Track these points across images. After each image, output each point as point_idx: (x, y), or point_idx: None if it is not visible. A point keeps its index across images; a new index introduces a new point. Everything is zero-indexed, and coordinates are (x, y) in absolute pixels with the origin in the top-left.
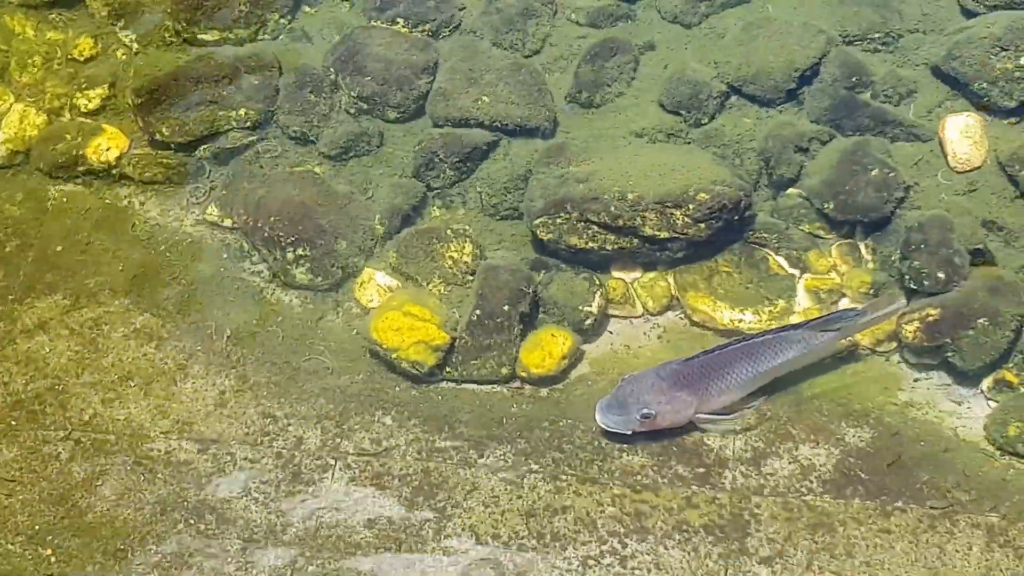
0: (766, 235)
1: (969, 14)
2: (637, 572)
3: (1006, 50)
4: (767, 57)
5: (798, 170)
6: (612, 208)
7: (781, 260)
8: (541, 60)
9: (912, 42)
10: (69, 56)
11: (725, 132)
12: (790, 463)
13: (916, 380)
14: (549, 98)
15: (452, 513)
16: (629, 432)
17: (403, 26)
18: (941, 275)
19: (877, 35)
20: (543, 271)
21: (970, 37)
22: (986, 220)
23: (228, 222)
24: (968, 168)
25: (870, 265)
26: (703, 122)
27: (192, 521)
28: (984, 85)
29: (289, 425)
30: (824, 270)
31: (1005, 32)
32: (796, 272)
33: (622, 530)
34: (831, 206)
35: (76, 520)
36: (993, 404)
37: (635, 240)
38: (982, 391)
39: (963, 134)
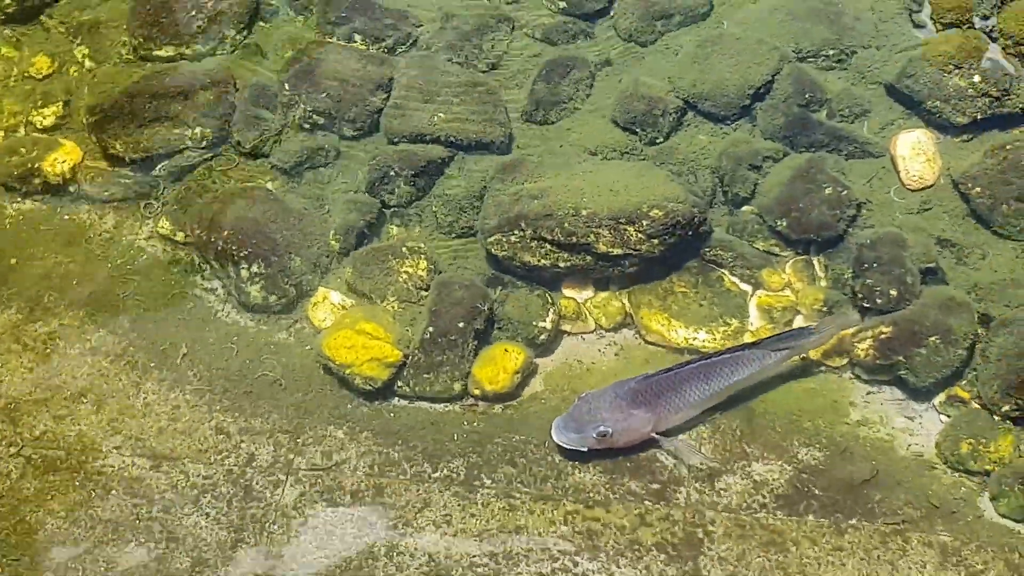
0: (721, 252)
1: (923, 32)
2: None
3: (959, 68)
4: (722, 74)
5: (752, 188)
6: (566, 225)
7: (735, 279)
8: (497, 76)
9: (866, 59)
10: (25, 73)
11: (680, 149)
12: (743, 479)
13: (869, 394)
14: (504, 114)
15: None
16: (585, 449)
17: (359, 42)
18: (893, 293)
19: (831, 52)
20: (499, 287)
21: (923, 55)
22: (939, 238)
23: (180, 237)
24: (921, 186)
25: (823, 283)
26: (658, 140)
27: None
28: (937, 103)
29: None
30: (778, 287)
31: (957, 50)
32: (749, 289)
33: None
34: (784, 224)
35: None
36: (945, 419)
37: (588, 258)
38: (934, 406)
39: (916, 151)
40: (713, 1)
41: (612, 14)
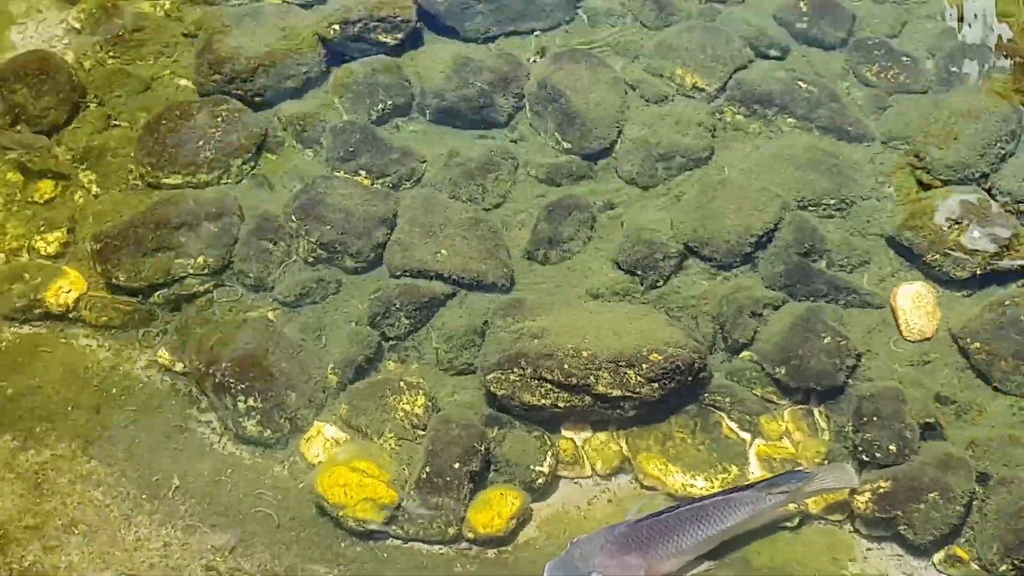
0: (720, 398)
1: (923, 186)
2: None
3: (958, 223)
4: (723, 220)
5: (752, 334)
6: (566, 365)
7: (734, 425)
8: (500, 215)
9: (866, 210)
10: (29, 199)
11: (681, 294)
12: None
13: (868, 550)
14: (506, 253)
15: None
16: None
17: (364, 177)
18: (892, 448)
19: (832, 201)
20: (497, 427)
21: (923, 209)
22: (937, 393)
23: (179, 367)
24: (921, 338)
25: (824, 435)
26: (658, 283)
27: None
28: (937, 257)
29: None
30: (777, 436)
31: (957, 205)
32: (748, 437)
33: None
34: (783, 372)
35: None
36: None
37: (587, 399)
38: (933, 564)
39: (916, 304)
40: (715, 146)
41: (614, 156)
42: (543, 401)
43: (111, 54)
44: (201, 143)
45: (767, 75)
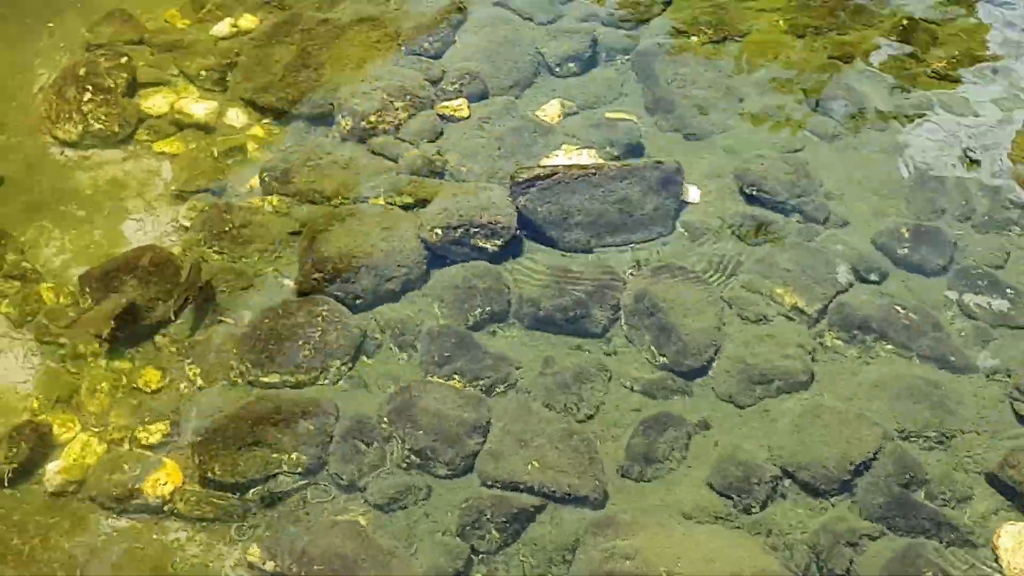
0: None
1: None
2: None
3: None
4: (821, 446)
5: (848, 565)
6: None
7: None
8: (594, 427)
9: (967, 444)
10: (134, 386)
11: (776, 520)
12: None
13: None
14: (600, 467)
15: None
16: None
17: (458, 382)
18: None
19: (932, 433)
20: None
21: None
22: None
23: (270, 566)
24: None
25: None
26: (753, 508)
27: None
28: None
29: None
30: None
31: None
32: None
33: None
34: None
35: None
36: None
37: None
38: None
39: (1019, 544)
40: (814, 371)
41: (711, 374)
42: None
43: (216, 249)
44: (301, 343)
45: (867, 300)
